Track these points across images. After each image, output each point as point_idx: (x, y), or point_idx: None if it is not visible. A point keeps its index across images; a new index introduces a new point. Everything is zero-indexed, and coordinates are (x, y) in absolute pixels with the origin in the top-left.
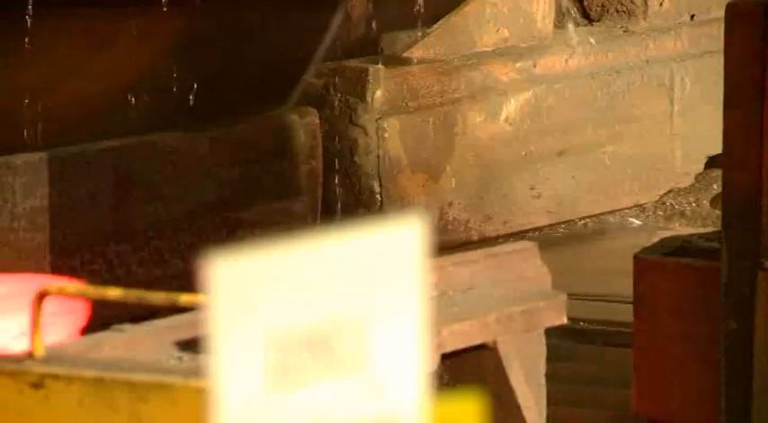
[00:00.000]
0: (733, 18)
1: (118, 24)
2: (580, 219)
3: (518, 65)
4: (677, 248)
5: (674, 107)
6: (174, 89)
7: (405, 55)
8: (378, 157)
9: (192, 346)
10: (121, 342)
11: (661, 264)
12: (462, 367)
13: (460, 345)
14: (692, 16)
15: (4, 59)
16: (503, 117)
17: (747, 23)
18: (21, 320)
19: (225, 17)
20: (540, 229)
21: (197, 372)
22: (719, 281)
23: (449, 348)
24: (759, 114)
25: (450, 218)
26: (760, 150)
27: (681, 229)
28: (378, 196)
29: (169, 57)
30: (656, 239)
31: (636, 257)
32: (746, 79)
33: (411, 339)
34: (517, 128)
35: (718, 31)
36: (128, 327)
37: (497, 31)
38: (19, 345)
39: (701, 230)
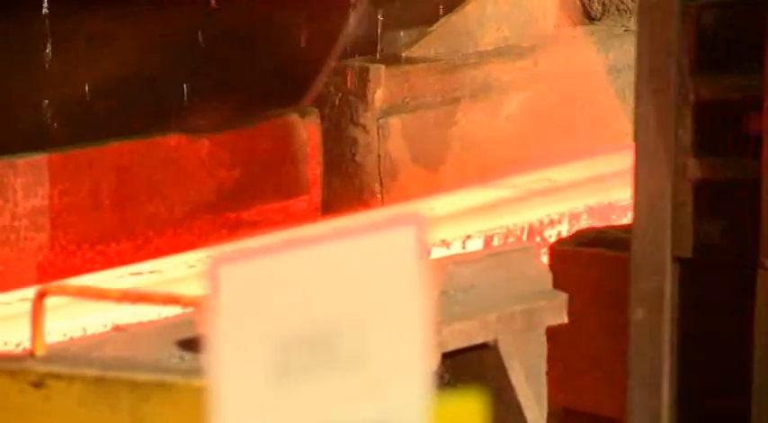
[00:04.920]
0: (647, 8)
1: (120, 24)
2: None
3: (519, 64)
4: (592, 239)
5: None
6: (176, 89)
7: (405, 54)
8: (378, 156)
9: (193, 345)
10: (123, 341)
11: (575, 254)
12: (463, 366)
13: (461, 344)
14: None
15: (5, 60)
16: (503, 116)
17: (660, 15)
18: None
19: (229, 17)
20: None
21: (198, 371)
22: (630, 270)
23: (450, 347)
24: (669, 107)
25: None
26: (670, 143)
27: None
28: (378, 196)
29: (171, 57)
30: None
31: (551, 248)
32: (658, 71)
33: (412, 339)
34: (518, 127)
35: None
36: (129, 326)
37: (498, 29)
38: None
39: None
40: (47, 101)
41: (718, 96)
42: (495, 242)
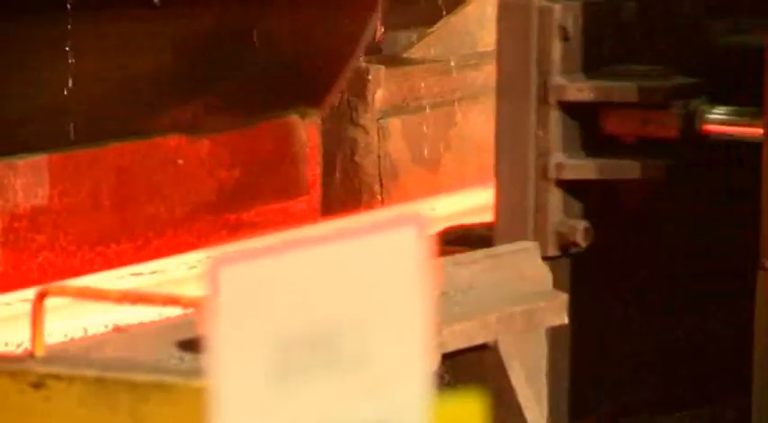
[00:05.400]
0: (505, 10)
1: (121, 25)
2: None
3: None
4: (459, 237)
5: None
6: (177, 89)
7: (405, 55)
8: (378, 157)
9: (192, 346)
10: (122, 342)
11: (439, 252)
12: (463, 367)
13: (461, 344)
14: None
15: (5, 61)
16: None
17: (520, 16)
18: None
19: (232, 18)
20: None
21: (198, 372)
22: None
23: (450, 348)
24: (529, 108)
25: None
26: (531, 143)
27: None
28: (378, 196)
29: (173, 58)
30: None
31: None
32: (518, 71)
33: (413, 339)
34: None
35: None
36: (129, 327)
37: None
38: None
39: None
40: (47, 101)
41: (577, 97)
42: None
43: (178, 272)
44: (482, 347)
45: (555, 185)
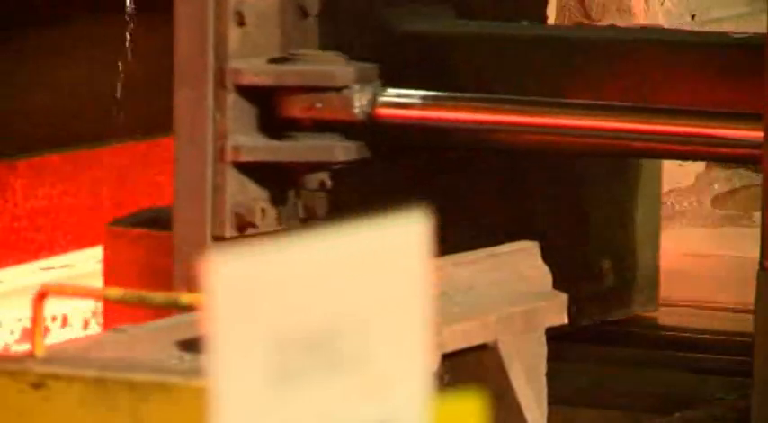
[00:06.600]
0: None
1: (121, 26)
2: None
3: None
4: (149, 219)
5: None
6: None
7: None
8: None
9: (192, 346)
10: (122, 342)
11: (125, 233)
12: (463, 367)
13: (461, 345)
14: (693, 16)
15: (5, 60)
16: None
17: (196, 1)
18: None
19: None
20: None
21: (198, 372)
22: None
23: (449, 348)
24: (206, 92)
25: None
26: (208, 127)
27: (681, 228)
28: None
29: (172, 58)
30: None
31: (106, 227)
32: (195, 56)
33: (412, 339)
34: None
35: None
36: (128, 327)
37: None
38: None
39: (702, 230)
40: (47, 101)
41: (253, 82)
42: None
43: (87, 265)
44: (482, 348)
45: (232, 167)
